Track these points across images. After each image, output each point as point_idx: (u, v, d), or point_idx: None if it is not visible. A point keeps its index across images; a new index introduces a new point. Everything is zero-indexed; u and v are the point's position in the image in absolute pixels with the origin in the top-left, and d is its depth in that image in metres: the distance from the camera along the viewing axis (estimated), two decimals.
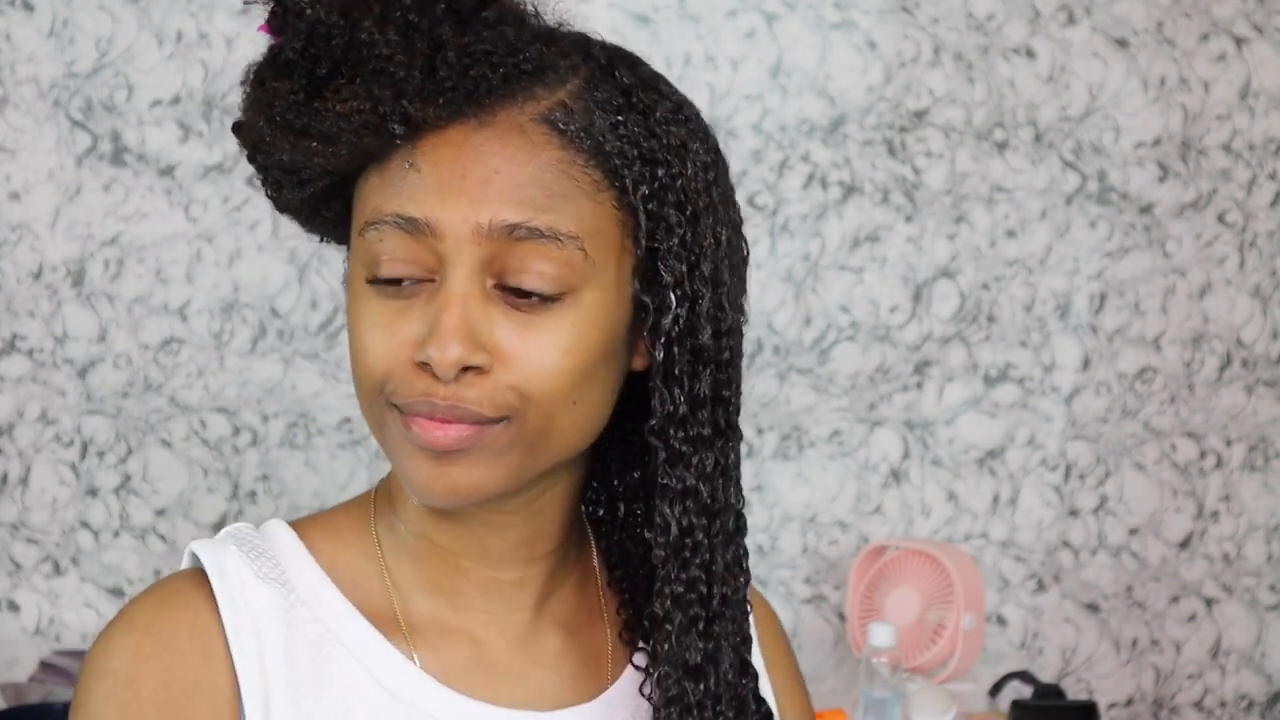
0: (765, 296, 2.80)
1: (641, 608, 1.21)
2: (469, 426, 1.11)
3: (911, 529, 2.85)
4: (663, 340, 1.15)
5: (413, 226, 1.11)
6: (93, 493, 2.74)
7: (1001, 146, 2.83)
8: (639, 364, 1.18)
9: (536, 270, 1.11)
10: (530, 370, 1.11)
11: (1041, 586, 2.87)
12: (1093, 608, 2.88)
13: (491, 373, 1.11)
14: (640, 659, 1.20)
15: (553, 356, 1.12)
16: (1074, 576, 2.88)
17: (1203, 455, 2.90)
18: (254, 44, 1.12)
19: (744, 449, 1.21)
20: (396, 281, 1.12)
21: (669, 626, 1.15)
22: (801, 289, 2.81)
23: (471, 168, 1.11)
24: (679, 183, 1.15)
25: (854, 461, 2.83)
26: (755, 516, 2.77)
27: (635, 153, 1.14)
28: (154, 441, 2.73)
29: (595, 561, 1.24)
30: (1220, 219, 2.87)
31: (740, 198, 2.81)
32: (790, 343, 2.81)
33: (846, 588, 2.73)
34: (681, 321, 1.15)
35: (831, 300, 2.82)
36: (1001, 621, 2.87)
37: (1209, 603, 2.91)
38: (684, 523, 1.15)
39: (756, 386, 2.81)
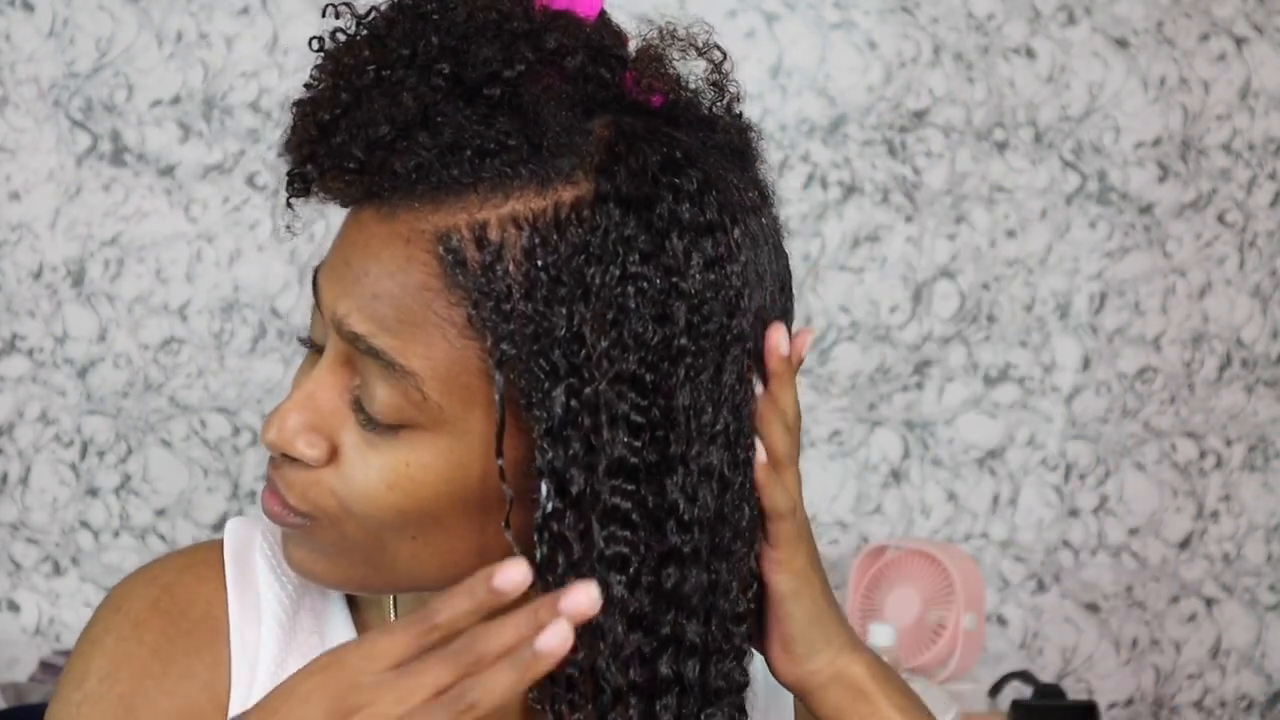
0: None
1: None
2: (279, 505, 1.04)
3: (911, 529, 2.85)
4: (536, 536, 1.01)
5: (314, 289, 1.04)
6: (93, 493, 2.74)
7: (1001, 146, 2.83)
8: None
9: (374, 394, 1.01)
10: (354, 489, 1.02)
11: (1041, 586, 2.87)
12: (1093, 608, 2.88)
13: (322, 471, 1.03)
14: None
15: (375, 485, 1.01)
16: (1074, 576, 2.88)
17: (1203, 455, 2.90)
18: (254, 44, 1.11)
19: None
20: (311, 342, 1.06)
21: None
22: (801, 289, 2.81)
23: (354, 258, 1.01)
24: (567, 361, 0.99)
25: (854, 461, 2.84)
26: None
27: (525, 312, 0.98)
28: (154, 441, 2.73)
29: None
30: (1220, 219, 2.87)
31: None
32: None
33: (846, 588, 2.73)
34: (558, 514, 1.00)
35: (831, 300, 2.82)
36: (1001, 621, 2.87)
37: (1209, 603, 2.91)
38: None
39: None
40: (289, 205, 1.05)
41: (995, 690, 2.66)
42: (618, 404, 1.00)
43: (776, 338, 1.06)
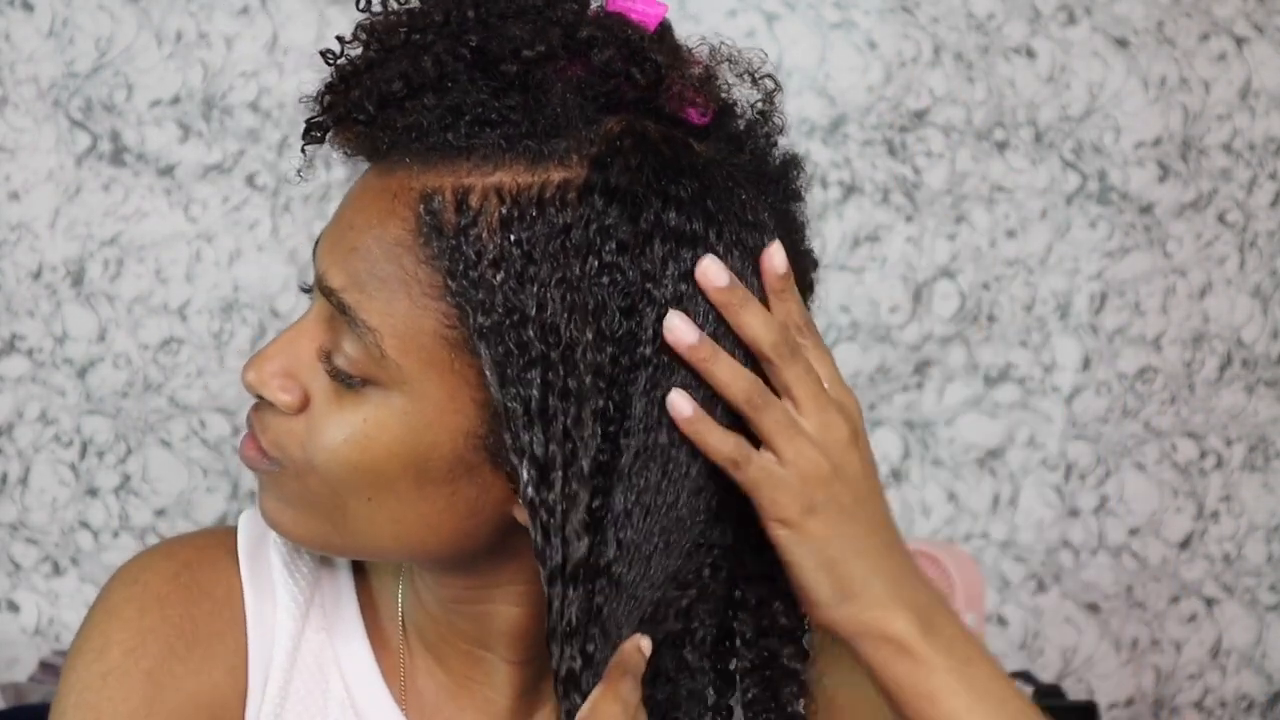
0: None
1: None
2: (253, 447, 1.07)
3: (912, 529, 2.85)
4: (528, 511, 1.01)
5: (314, 251, 1.07)
6: (92, 493, 2.74)
7: (1001, 146, 2.83)
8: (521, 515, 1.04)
9: (345, 349, 1.03)
10: (316, 440, 1.04)
11: (1041, 586, 2.87)
12: (1093, 608, 2.88)
13: (295, 418, 1.05)
14: None
15: (334, 439, 1.03)
16: (1074, 576, 2.88)
17: (1203, 455, 2.90)
18: (254, 44, 1.12)
19: None
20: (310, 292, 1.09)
21: None
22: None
23: (345, 212, 1.05)
24: (543, 347, 0.99)
25: None
26: None
27: (495, 282, 0.99)
28: (154, 441, 2.73)
29: None
30: (1220, 219, 2.87)
31: None
32: None
33: None
34: (541, 502, 1.01)
35: (831, 300, 2.82)
36: (1001, 621, 2.87)
37: (1209, 603, 2.91)
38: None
39: None
40: (302, 151, 1.07)
41: None
42: (596, 399, 1.00)
43: (774, 258, 1.06)
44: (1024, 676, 2.65)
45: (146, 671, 1.09)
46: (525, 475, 1.00)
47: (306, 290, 1.09)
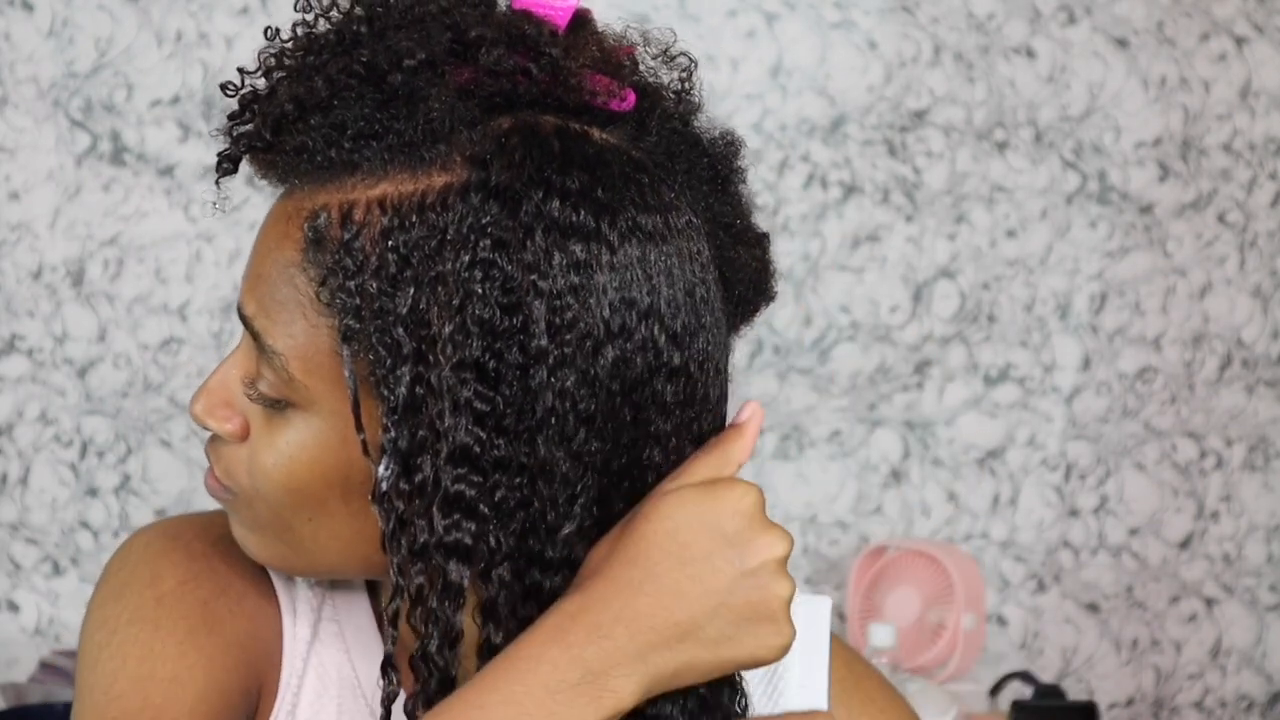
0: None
1: None
2: (214, 480, 1.08)
3: (912, 529, 2.85)
4: (377, 507, 1.02)
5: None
6: (92, 493, 2.74)
7: (1001, 146, 2.83)
8: None
9: (264, 372, 1.04)
10: (255, 465, 1.05)
11: (1041, 586, 2.87)
12: (1093, 608, 2.88)
13: (239, 446, 1.06)
14: None
15: (267, 464, 1.04)
16: (1074, 576, 2.88)
17: (1203, 455, 2.90)
18: (254, 44, 1.12)
19: None
20: None
21: None
22: (801, 289, 2.81)
23: (257, 241, 1.06)
24: (413, 344, 0.99)
25: (854, 461, 2.83)
26: None
27: (371, 289, 0.99)
28: (154, 441, 2.73)
29: None
30: (1220, 219, 2.87)
31: None
32: (790, 343, 2.81)
33: (846, 588, 2.73)
34: (399, 493, 1.01)
35: (831, 300, 2.82)
36: (1001, 621, 2.87)
37: (1209, 603, 2.91)
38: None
39: (756, 386, 2.80)
40: (216, 185, 1.10)
41: (995, 690, 2.66)
42: (460, 390, 0.99)
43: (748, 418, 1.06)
44: (1024, 676, 2.65)
45: (202, 600, 1.10)
46: (382, 469, 1.00)
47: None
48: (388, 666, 1.04)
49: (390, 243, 1.00)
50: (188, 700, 1.07)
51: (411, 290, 0.99)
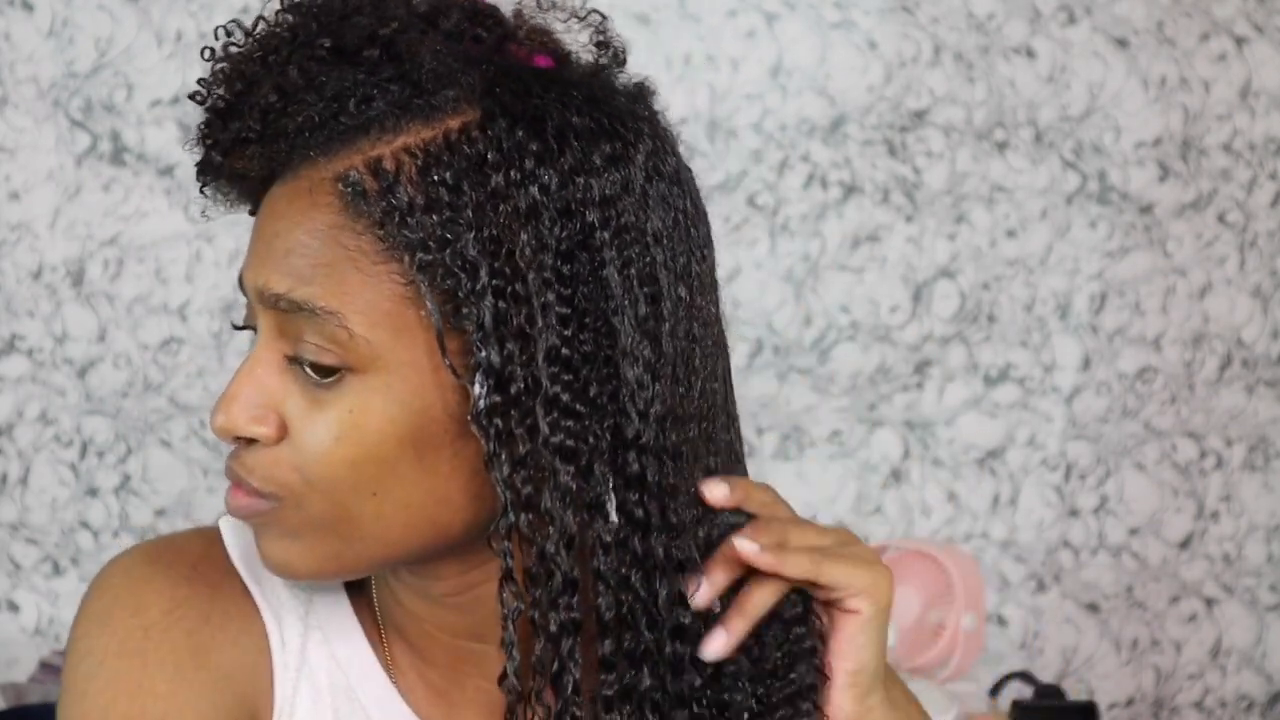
0: (765, 296, 2.80)
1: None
2: (244, 495, 1.07)
3: (911, 529, 2.85)
4: (478, 429, 1.03)
5: (240, 282, 1.08)
6: (92, 493, 2.74)
7: (1001, 146, 2.83)
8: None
9: (310, 342, 1.04)
10: (308, 453, 1.04)
11: (1041, 586, 2.87)
12: (1093, 608, 2.88)
13: (278, 447, 1.05)
14: None
15: (325, 443, 1.04)
16: (1074, 576, 2.88)
17: (1203, 455, 2.90)
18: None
19: (745, 449, 1.17)
20: (254, 329, 1.09)
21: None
22: (801, 289, 2.81)
23: (265, 228, 1.07)
24: (488, 261, 1.03)
25: (854, 461, 2.83)
26: None
27: (431, 221, 1.02)
28: (154, 441, 2.73)
29: None
30: (1220, 219, 2.87)
31: (740, 198, 2.82)
32: (790, 343, 2.81)
33: None
34: (497, 409, 1.03)
35: (831, 300, 2.82)
36: (1001, 621, 2.87)
37: (1209, 603, 2.91)
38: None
39: (756, 386, 2.81)
40: (202, 193, 1.11)
41: (995, 690, 2.66)
42: (545, 293, 1.03)
43: (714, 490, 1.09)
44: (1024, 676, 2.65)
45: (188, 631, 1.10)
46: (478, 389, 1.02)
47: (240, 328, 1.10)
48: (507, 580, 1.05)
49: (434, 177, 1.02)
50: None
51: (470, 212, 1.02)
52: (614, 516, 1.05)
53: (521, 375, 1.03)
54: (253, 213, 1.11)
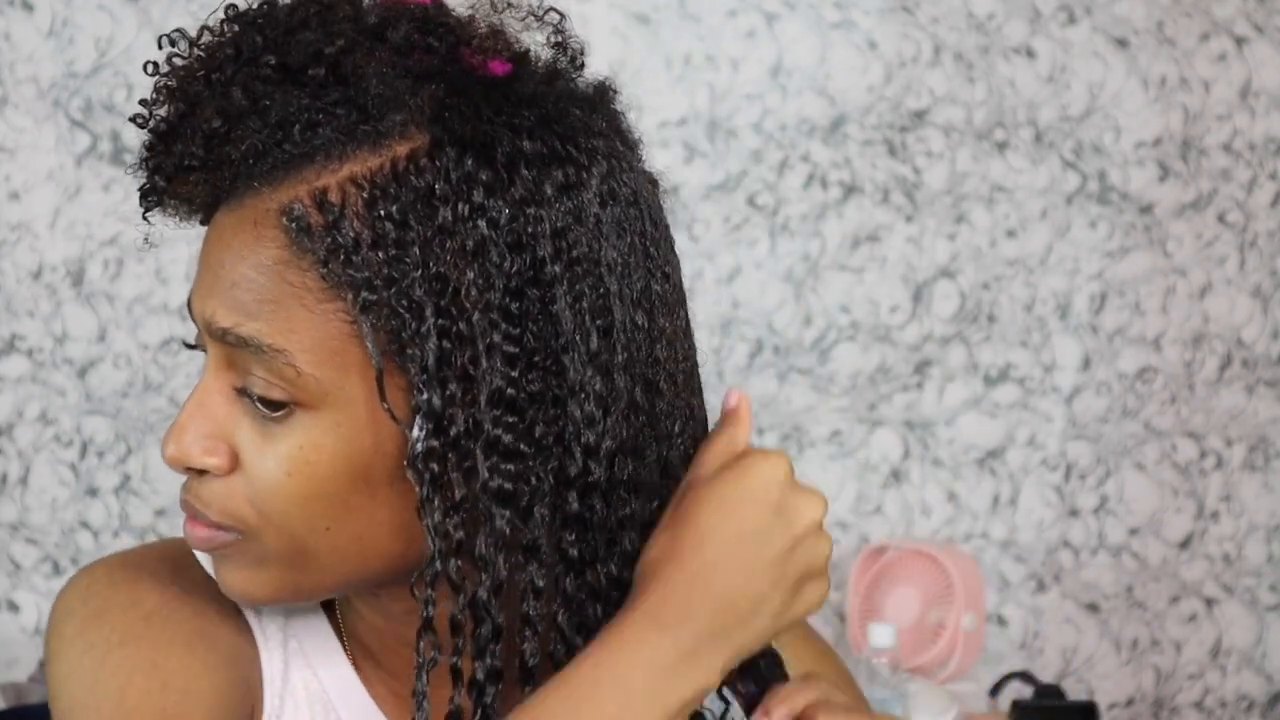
0: (765, 296, 2.80)
1: None
2: (203, 528, 1.04)
3: (911, 529, 2.85)
4: (413, 473, 1.01)
5: (189, 306, 1.06)
6: (92, 493, 2.74)
7: (1001, 146, 2.83)
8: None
9: (258, 376, 1.02)
10: (260, 487, 1.03)
11: (1041, 586, 2.87)
12: (1093, 608, 2.88)
13: (231, 478, 1.03)
14: None
15: (276, 477, 1.02)
16: (1074, 576, 2.88)
17: (1203, 455, 2.90)
18: None
19: None
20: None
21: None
22: (801, 289, 2.81)
23: (211, 256, 1.04)
24: (433, 300, 1.00)
25: (854, 461, 2.83)
26: None
27: (377, 259, 1.00)
28: (153, 441, 2.73)
29: None
30: (1220, 219, 2.87)
31: (740, 198, 2.82)
32: (790, 343, 2.81)
33: (846, 588, 2.73)
34: (433, 453, 1.01)
35: (831, 300, 2.82)
36: (1001, 621, 2.87)
37: (1209, 603, 2.91)
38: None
39: (756, 386, 2.80)
40: (145, 218, 1.08)
41: (995, 690, 2.66)
42: (491, 333, 1.01)
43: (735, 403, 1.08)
44: (1024, 676, 2.65)
45: (189, 616, 1.09)
46: (416, 432, 1.00)
47: (190, 347, 1.08)
48: (426, 630, 1.03)
49: (380, 211, 1.00)
50: (199, 714, 1.06)
51: (417, 249, 1.00)
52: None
53: (462, 418, 1.01)
54: (204, 222, 1.09)
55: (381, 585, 1.08)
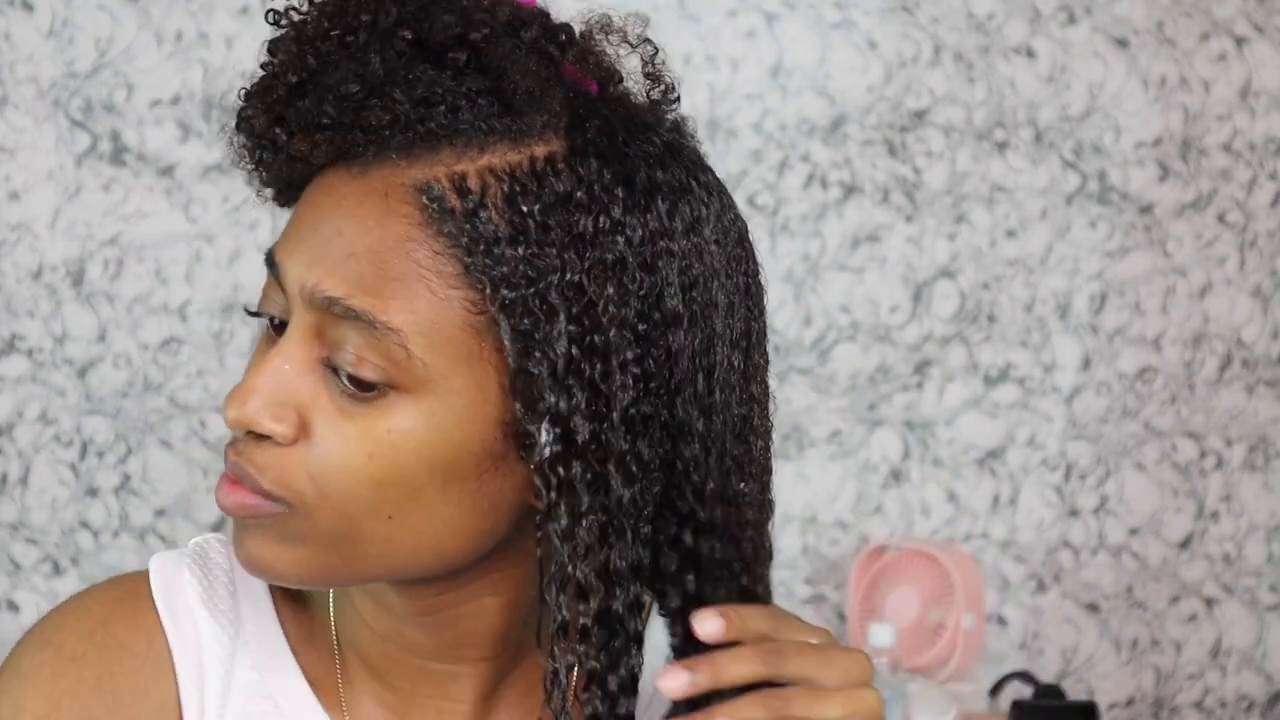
0: (765, 296, 2.80)
1: None
2: (249, 494, 1.01)
3: (911, 529, 2.85)
4: (540, 478, 1.00)
5: (271, 268, 1.02)
6: (92, 493, 2.74)
7: (1001, 146, 2.83)
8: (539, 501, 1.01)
9: (354, 353, 0.98)
10: (330, 464, 0.99)
11: (1041, 586, 2.87)
12: (1093, 608, 2.88)
13: (293, 449, 1.00)
14: None
15: (355, 459, 0.99)
16: (1074, 576, 2.88)
17: (1203, 455, 2.90)
18: (254, 44, 1.11)
19: None
20: (271, 319, 1.03)
21: None
22: (801, 289, 2.81)
23: (324, 221, 1.00)
24: (567, 307, 0.98)
25: (854, 461, 2.83)
26: None
27: (517, 255, 0.98)
28: (154, 441, 2.73)
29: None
30: (1220, 219, 2.87)
31: (740, 198, 2.81)
32: (790, 343, 2.81)
33: (846, 588, 2.73)
34: (560, 458, 0.99)
35: (831, 300, 2.82)
36: (1001, 621, 2.86)
37: (1209, 603, 2.91)
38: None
39: None
40: (257, 168, 1.04)
41: (995, 690, 2.66)
42: (624, 350, 0.99)
43: (706, 624, 1.03)
44: (1024, 676, 2.65)
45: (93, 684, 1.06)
46: (545, 436, 0.99)
47: (254, 314, 1.04)
48: (560, 634, 1.02)
49: (523, 207, 0.98)
50: None
51: (555, 253, 0.98)
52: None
53: (588, 429, 0.99)
54: (284, 202, 1.06)
55: (412, 583, 1.05)
